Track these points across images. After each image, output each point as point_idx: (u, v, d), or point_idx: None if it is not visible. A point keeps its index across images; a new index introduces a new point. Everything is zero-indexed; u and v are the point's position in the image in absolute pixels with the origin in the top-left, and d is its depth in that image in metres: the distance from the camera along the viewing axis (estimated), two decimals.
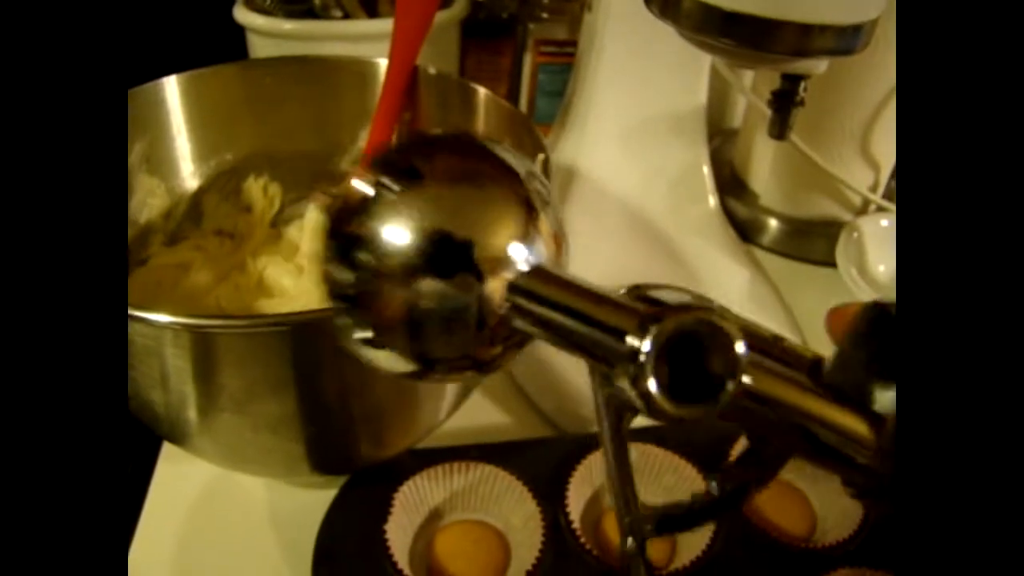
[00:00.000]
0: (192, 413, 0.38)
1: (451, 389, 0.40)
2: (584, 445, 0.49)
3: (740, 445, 0.49)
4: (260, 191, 0.57)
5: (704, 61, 0.67)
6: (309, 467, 0.42)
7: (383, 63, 0.53)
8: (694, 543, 0.45)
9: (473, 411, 0.57)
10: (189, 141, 0.53)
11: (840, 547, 0.44)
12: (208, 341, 0.33)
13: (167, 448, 0.53)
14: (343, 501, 0.45)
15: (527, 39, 0.82)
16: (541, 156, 0.43)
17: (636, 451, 0.49)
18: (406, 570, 0.42)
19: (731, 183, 0.84)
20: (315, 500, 0.48)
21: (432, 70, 0.53)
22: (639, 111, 0.67)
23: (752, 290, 0.68)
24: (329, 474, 0.46)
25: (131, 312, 0.32)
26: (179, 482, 0.51)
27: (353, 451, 0.42)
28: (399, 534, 0.45)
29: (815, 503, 0.49)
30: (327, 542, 0.44)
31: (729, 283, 0.67)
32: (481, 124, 0.51)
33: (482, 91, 0.50)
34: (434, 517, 0.47)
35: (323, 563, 0.43)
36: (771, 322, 0.64)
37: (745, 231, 0.79)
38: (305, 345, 0.34)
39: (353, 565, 0.42)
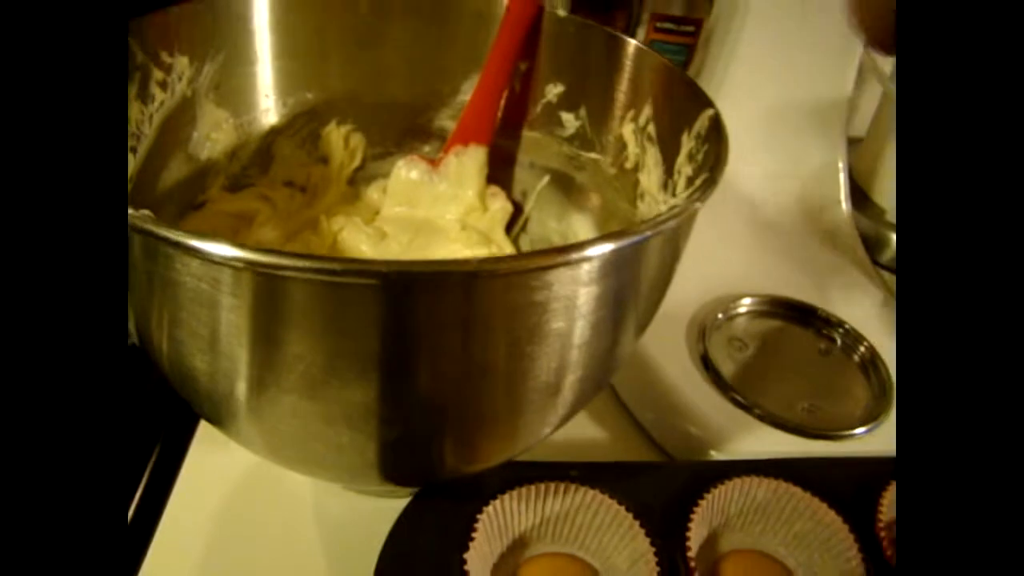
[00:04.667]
0: (243, 389, 0.29)
1: (571, 388, 0.31)
2: (704, 475, 0.41)
3: (891, 493, 0.40)
4: (341, 141, 0.49)
5: (855, 48, 0.58)
6: (379, 475, 0.33)
7: None
8: None
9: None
10: (269, 70, 0.45)
11: None
12: (278, 289, 0.25)
13: (204, 429, 0.45)
14: (413, 518, 0.37)
15: (642, 13, 0.73)
16: (709, 112, 0.34)
17: (767, 489, 0.40)
18: None
19: (851, 192, 0.75)
20: (373, 511, 0.40)
21: (562, 12, 0.44)
22: (777, 96, 0.58)
23: (887, 316, 0.58)
24: (400, 485, 0.37)
25: (182, 240, 0.24)
26: (213, 471, 0.43)
27: (437, 460, 0.33)
28: (479, 564, 0.36)
29: None
30: (391, 566, 0.35)
31: (860, 304, 0.58)
32: (626, 80, 0.42)
33: (632, 43, 0.41)
34: (518, 546, 0.39)
35: None
36: None
37: (865, 247, 0.70)
38: (404, 309, 0.25)
39: None
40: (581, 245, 0.25)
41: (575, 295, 0.26)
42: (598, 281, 0.26)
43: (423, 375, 0.27)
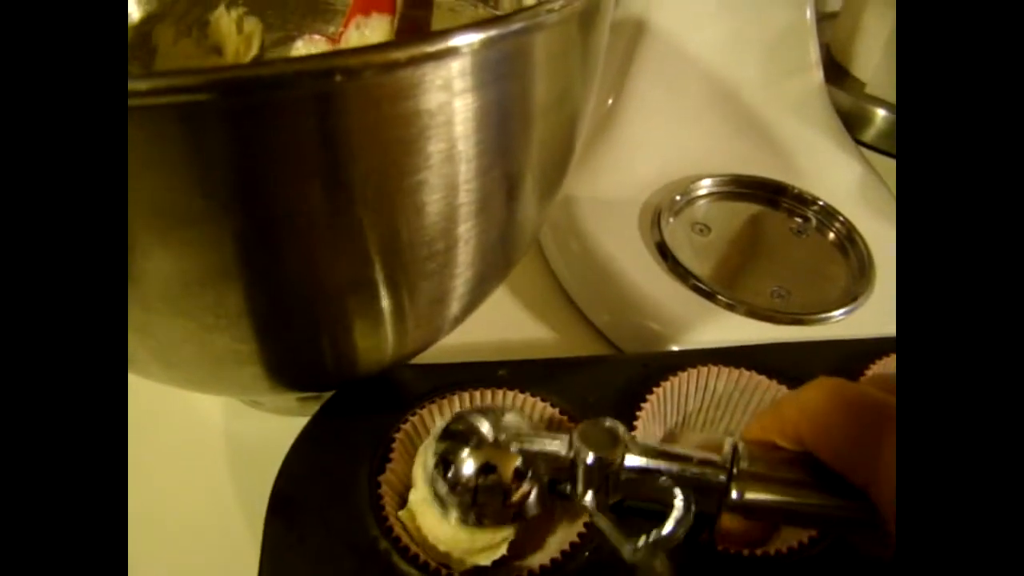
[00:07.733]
0: None
1: (468, 249, 0.26)
2: (653, 368, 0.36)
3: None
4: (232, 27, 0.43)
5: None
6: (266, 375, 0.28)
7: None
8: None
9: (506, 322, 0.45)
10: None
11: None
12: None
13: None
14: (318, 430, 0.32)
15: None
16: None
17: (727, 379, 0.36)
18: (405, 538, 0.29)
19: (828, 68, 0.69)
20: (286, 429, 0.35)
21: None
22: None
23: (865, 190, 0.53)
24: (299, 389, 0.32)
25: None
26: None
27: (325, 352, 0.28)
28: (396, 486, 0.32)
29: None
30: (289, 488, 0.31)
31: (836, 179, 0.53)
32: None
33: None
34: None
35: (281, 515, 0.30)
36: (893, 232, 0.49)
37: (844, 124, 0.64)
38: (251, 132, 0.19)
39: (323, 522, 0.29)
40: (446, 34, 0.20)
41: (450, 108, 0.21)
42: (475, 90, 0.21)
43: (280, 226, 0.22)
